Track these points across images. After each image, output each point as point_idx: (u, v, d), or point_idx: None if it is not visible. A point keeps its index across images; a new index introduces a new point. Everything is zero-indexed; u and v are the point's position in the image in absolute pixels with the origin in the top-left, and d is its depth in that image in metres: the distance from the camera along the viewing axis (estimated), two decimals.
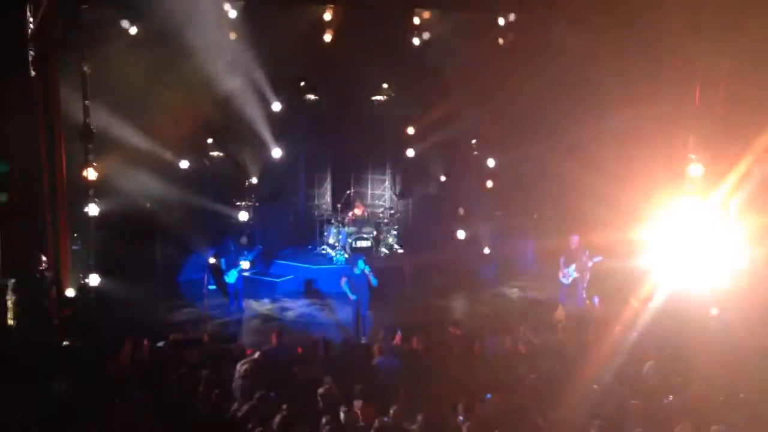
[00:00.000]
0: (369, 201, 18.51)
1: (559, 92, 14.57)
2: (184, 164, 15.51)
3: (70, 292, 11.73)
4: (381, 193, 18.81)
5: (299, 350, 10.11)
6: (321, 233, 17.16)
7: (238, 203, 16.58)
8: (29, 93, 11.32)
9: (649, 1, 12.95)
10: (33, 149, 11.38)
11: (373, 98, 17.72)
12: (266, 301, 14.66)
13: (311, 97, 17.63)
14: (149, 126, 14.21)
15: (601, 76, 13.67)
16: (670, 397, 8.06)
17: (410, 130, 17.51)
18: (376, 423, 7.02)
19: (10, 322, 10.28)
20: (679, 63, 12.83)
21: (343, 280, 12.56)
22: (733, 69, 12.02)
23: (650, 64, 13.32)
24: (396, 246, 17.29)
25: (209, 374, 8.54)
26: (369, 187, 18.88)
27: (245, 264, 13.83)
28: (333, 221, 16.88)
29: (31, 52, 11.25)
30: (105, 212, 12.52)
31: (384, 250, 16.95)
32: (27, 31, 11.19)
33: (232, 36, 15.37)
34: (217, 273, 14.18)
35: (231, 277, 13.84)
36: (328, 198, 18.48)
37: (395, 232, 17.41)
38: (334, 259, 16.19)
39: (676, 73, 12.92)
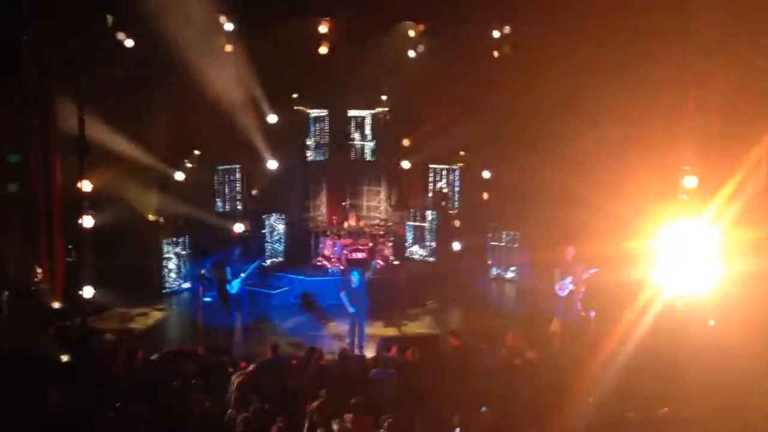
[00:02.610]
0: (364, 213, 18.50)
1: (554, 103, 14.60)
2: (179, 176, 15.51)
3: (64, 305, 11.68)
4: (376, 205, 18.81)
5: (294, 362, 10.08)
6: (316, 245, 17.14)
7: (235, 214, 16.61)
8: (24, 104, 11.32)
9: (643, 11, 13.04)
10: (28, 161, 11.37)
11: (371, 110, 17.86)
12: (262, 313, 14.58)
13: (307, 109, 17.72)
14: (144, 138, 14.23)
15: (594, 87, 13.74)
16: (666, 409, 8.05)
17: (405, 142, 17.56)
18: None
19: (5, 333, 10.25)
20: (673, 74, 12.89)
21: (342, 293, 12.58)
22: (727, 80, 12.07)
23: (644, 75, 13.37)
24: (391, 258, 17.29)
25: (203, 386, 8.51)
26: (364, 198, 18.88)
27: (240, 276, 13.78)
28: (328, 233, 16.86)
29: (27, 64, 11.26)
30: (100, 224, 12.47)
31: (379, 261, 16.92)
32: (23, 42, 11.21)
33: (228, 48, 15.46)
34: (222, 282, 14.08)
35: (234, 287, 13.76)
36: (323, 209, 18.47)
37: (390, 244, 17.42)
38: (330, 270, 16.16)
39: (670, 84, 12.97)
